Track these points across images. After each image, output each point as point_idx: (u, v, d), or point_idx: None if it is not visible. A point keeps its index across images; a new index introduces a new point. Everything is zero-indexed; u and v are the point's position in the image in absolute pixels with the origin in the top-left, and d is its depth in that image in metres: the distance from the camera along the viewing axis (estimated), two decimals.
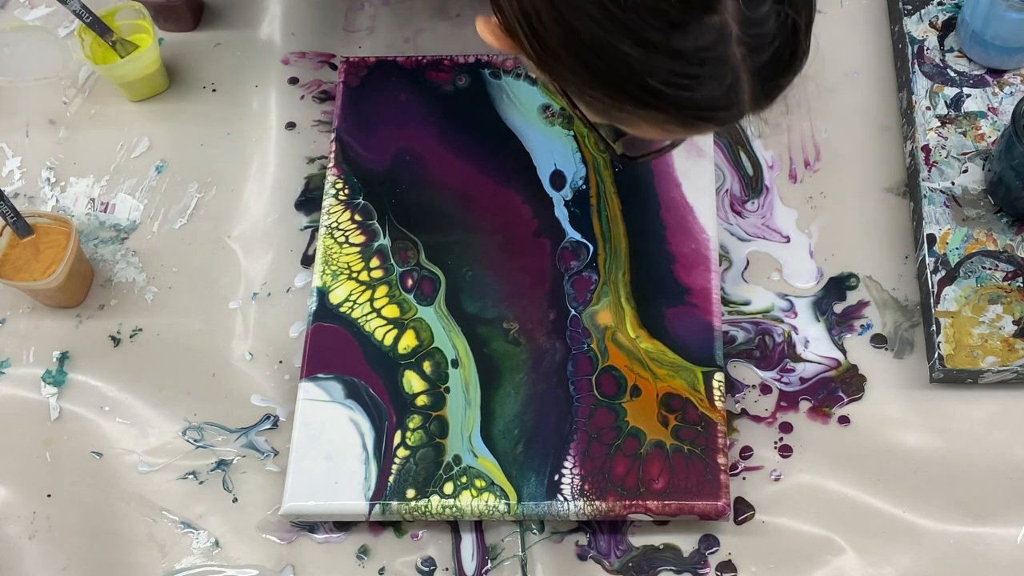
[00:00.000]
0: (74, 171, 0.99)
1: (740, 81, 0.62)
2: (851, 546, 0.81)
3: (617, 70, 0.61)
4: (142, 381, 0.90)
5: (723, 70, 0.61)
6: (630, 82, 0.62)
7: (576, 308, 0.87)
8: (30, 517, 0.85)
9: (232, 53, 1.04)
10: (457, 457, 0.82)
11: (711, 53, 0.60)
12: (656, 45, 0.59)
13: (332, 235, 0.91)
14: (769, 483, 0.84)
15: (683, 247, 0.89)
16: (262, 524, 0.84)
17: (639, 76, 0.61)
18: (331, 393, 0.85)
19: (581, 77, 0.64)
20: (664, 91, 0.61)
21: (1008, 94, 0.94)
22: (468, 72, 0.97)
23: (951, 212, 0.89)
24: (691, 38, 0.59)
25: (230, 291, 0.93)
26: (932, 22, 0.97)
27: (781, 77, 0.64)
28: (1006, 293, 0.86)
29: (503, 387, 0.85)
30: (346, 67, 0.98)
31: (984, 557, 0.81)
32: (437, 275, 0.89)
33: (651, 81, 0.61)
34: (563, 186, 0.92)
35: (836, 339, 0.88)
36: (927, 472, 0.83)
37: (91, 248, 0.95)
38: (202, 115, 1.01)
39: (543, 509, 0.80)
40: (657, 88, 0.61)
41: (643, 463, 0.81)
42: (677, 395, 0.83)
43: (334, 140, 0.95)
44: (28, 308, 0.93)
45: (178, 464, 0.87)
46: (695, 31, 0.59)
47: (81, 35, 0.97)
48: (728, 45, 0.60)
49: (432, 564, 0.82)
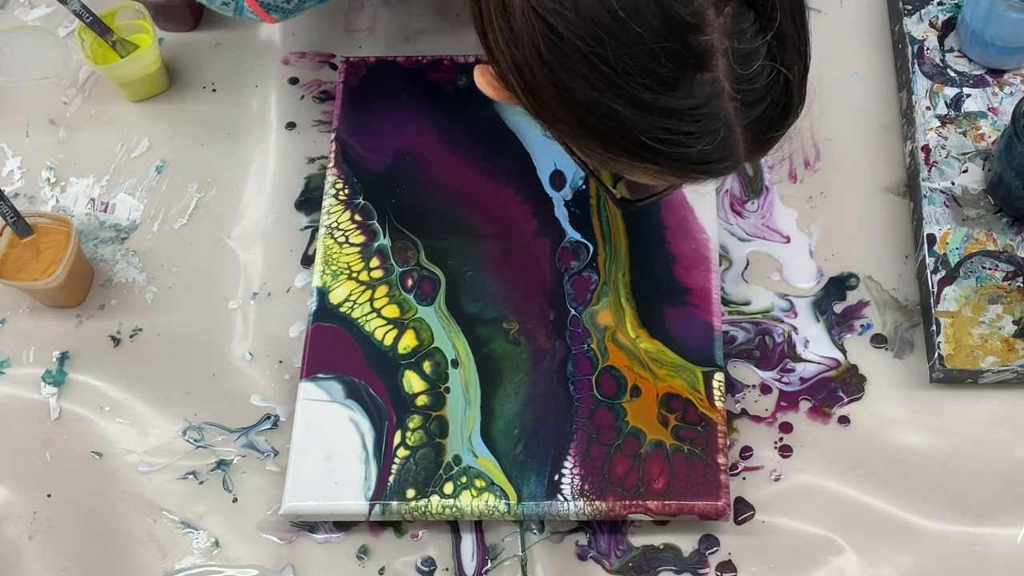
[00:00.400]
0: (74, 171, 0.99)
1: (734, 135, 0.62)
2: (851, 546, 0.81)
3: (611, 127, 0.62)
4: (142, 381, 0.90)
5: (716, 126, 0.61)
6: (624, 138, 0.62)
7: (576, 308, 0.87)
8: (30, 517, 0.85)
9: (232, 53, 1.04)
10: (457, 457, 0.82)
11: (704, 111, 0.60)
12: (649, 105, 0.60)
13: (332, 235, 0.91)
14: (769, 483, 0.84)
15: (683, 247, 0.89)
16: (262, 524, 0.84)
17: (633, 133, 0.61)
18: (331, 393, 0.85)
19: (576, 131, 0.64)
20: (658, 148, 0.62)
21: (1008, 94, 0.94)
22: (468, 72, 0.97)
23: (951, 212, 0.89)
24: (683, 97, 0.60)
25: (230, 291, 0.93)
26: (932, 22, 0.97)
27: (775, 130, 0.64)
28: (1006, 293, 0.86)
29: (503, 387, 0.85)
30: (346, 67, 0.98)
31: (984, 557, 0.81)
32: (437, 275, 0.89)
33: (644, 139, 0.61)
34: (563, 186, 0.92)
35: (836, 339, 0.88)
36: (927, 472, 0.83)
37: (91, 248, 0.95)
38: (202, 115, 1.01)
39: (543, 509, 0.80)
40: (651, 145, 0.62)
41: (643, 463, 0.81)
42: (677, 395, 0.83)
43: (334, 140, 0.95)
44: (28, 308, 0.93)
45: (178, 464, 0.87)
46: (687, 90, 0.59)
47: (81, 35, 0.97)
48: (721, 102, 0.60)
49: (432, 564, 0.82)
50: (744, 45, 0.59)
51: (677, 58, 0.58)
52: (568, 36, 0.59)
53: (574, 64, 0.60)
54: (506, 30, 0.62)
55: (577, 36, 0.58)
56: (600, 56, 0.58)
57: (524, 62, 0.62)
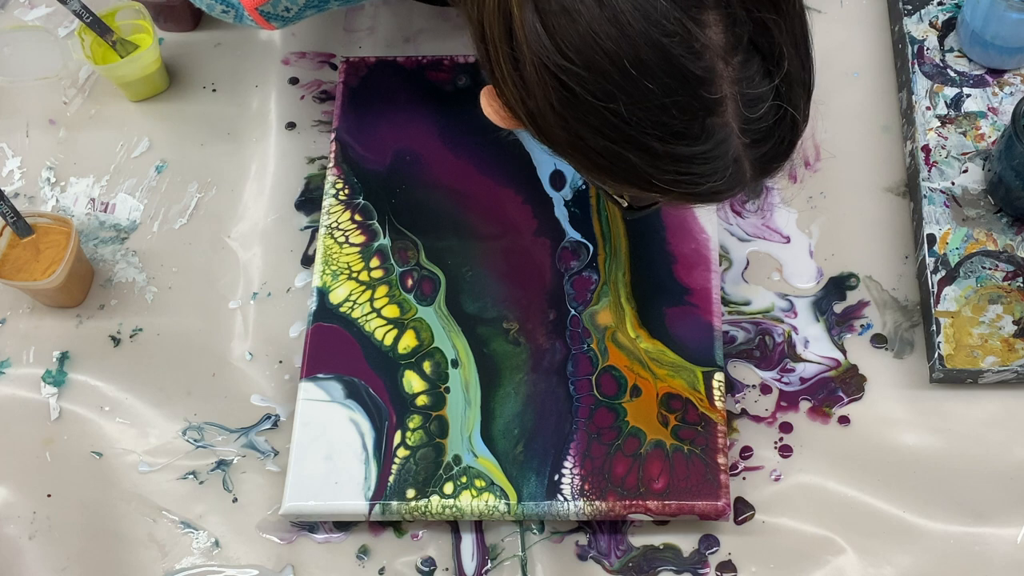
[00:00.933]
0: (74, 171, 0.99)
1: (742, 170, 0.63)
2: (851, 546, 0.81)
3: (623, 169, 0.63)
4: (142, 381, 0.90)
5: (725, 164, 0.62)
6: (636, 179, 0.63)
7: (576, 308, 0.87)
8: (30, 517, 0.85)
9: (232, 53, 1.04)
10: (457, 457, 0.82)
11: (713, 153, 0.61)
12: (660, 153, 0.61)
13: (332, 235, 0.91)
14: (769, 483, 0.84)
15: (683, 247, 0.89)
16: (262, 524, 0.84)
17: (645, 176, 0.62)
18: (331, 393, 0.85)
19: (587, 168, 0.65)
20: (668, 188, 0.63)
21: (1008, 94, 0.94)
22: (468, 72, 0.97)
23: (951, 212, 0.89)
24: (694, 143, 0.60)
25: (230, 291, 0.93)
26: (932, 22, 0.97)
27: (782, 160, 0.65)
28: (1006, 293, 0.86)
29: (503, 387, 0.85)
30: (346, 67, 0.98)
31: (984, 557, 0.81)
32: (437, 275, 0.89)
33: (656, 182, 0.62)
34: (563, 186, 0.92)
35: (836, 339, 0.88)
36: (927, 472, 0.83)
37: (91, 248, 0.95)
38: (202, 115, 1.01)
39: (543, 509, 0.80)
40: (661, 186, 0.63)
41: (643, 463, 0.81)
42: (677, 395, 0.83)
43: (334, 140, 0.95)
44: (28, 308, 0.93)
45: (178, 464, 0.87)
46: (697, 136, 0.60)
47: (81, 35, 0.97)
48: (729, 143, 0.61)
49: (432, 564, 0.82)
50: (752, 90, 0.60)
51: (688, 110, 0.59)
52: (580, 92, 0.59)
53: (586, 117, 0.60)
54: (516, 78, 0.62)
55: (589, 92, 0.59)
56: (612, 111, 0.59)
57: (536, 109, 0.62)
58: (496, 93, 0.67)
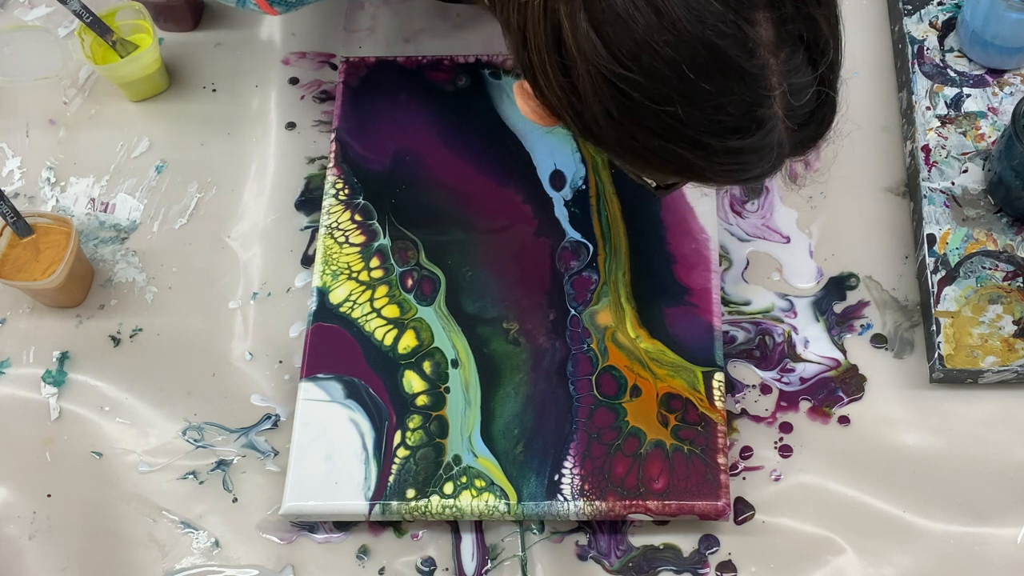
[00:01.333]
0: (74, 171, 0.99)
1: (784, 153, 0.64)
2: (851, 546, 0.81)
3: (674, 164, 0.63)
4: (142, 381, 0.90)
5: (771, 150, 0.63)
6: (687, 171, 0.64)
7: (576, 308, 0.87)
8: (30, 517, 0.85)
9: (232, 53, 1.04)
10: (457, 457, 0.82)
11: (763, 143, 0.62)
12: (714, 148, 0.61)
13: (332, 235, 0.91)
14: (769, 483, 0.84)
15: (683, 247, 0.89)
16: (262, 524, 0.84)
17: (696, 170, 0.64)
18: (331, 393, 0.85)
19: (633, 162, 0.66)
20: (717, 178, 0.65)
21: (1008, 94, 0.94)
22: (468, 72, 0.97)
23: (951, 212, 0.89)
24: (746, 136, 0.61)
25: (230, 291, 0.93)
26: (932, 22, 0.97)
27: (819, 138, 0.66)
28: (1006, 293, 0.86)
29: (503, 387, 0.85)
30: (346, 67, 0.98)
31: (984, 557, 0.81)
32: (437, 275, 0.89)
33: (708, 173, 0.64)
34: (563, 186, 0.92)
35: (836, 339, 0.88)
36: (927, 472, 0.83)
37: (91, 248, 0.95)
38: (202, 115, 1.01)
39: (543, 509, 0.80)
40: (712, 177, 0.64)
41: (643, 463, 0.81)
42: (677, 395, 0.83)
43: (334, 140, 0.95)
44: (28, 308, 0.93)
45: (178, 464, 0.87)
46: (749, 128, 0.61)
47: (81, 35, 0.97)
48: (776, 132, 0.62)
49: (432, 564, 0.82)
50: (798, 80, 0.61)
51: (742, 106, 0.60)
52: (638, 97, 0.60)
53: (642, 120, 0.61)
54: (566, 84, 0.63)
55: (647, 97, 0.59)
56: (669, 113, 0.60)
57: (589, 115, 0.63)
58: (535, 93, 0.67)
